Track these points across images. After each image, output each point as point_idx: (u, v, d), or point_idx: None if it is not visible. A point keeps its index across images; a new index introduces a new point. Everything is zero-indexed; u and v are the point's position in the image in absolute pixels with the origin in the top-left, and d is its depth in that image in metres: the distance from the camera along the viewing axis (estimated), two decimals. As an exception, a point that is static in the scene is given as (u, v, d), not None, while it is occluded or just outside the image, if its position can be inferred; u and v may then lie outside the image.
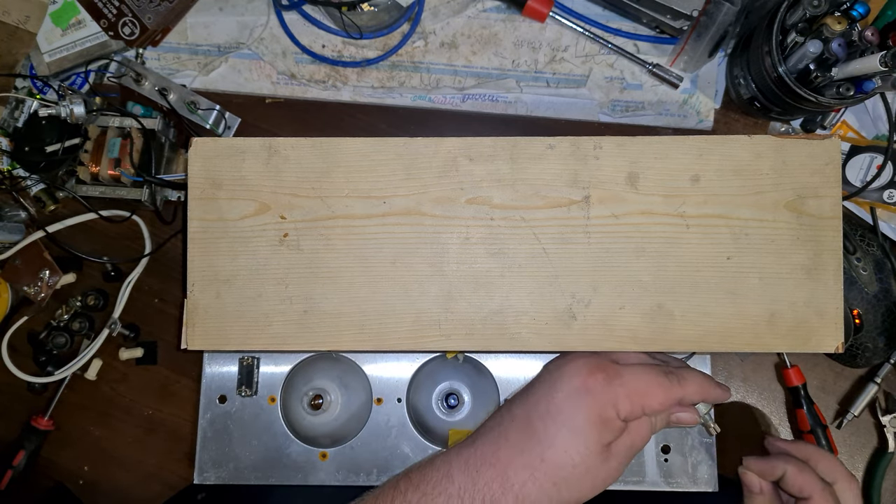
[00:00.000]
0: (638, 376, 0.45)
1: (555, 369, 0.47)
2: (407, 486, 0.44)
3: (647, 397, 0.44)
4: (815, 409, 0.57)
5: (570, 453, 0.43)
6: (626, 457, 0.45)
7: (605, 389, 0.44)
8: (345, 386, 0.58)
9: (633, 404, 0.44)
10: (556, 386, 0.45)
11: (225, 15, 0.62)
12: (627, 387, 0.44)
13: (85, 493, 0.61)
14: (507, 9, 0.61)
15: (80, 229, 0.62)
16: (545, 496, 0.43)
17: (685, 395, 0.45)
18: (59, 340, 0.60)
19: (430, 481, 0.44)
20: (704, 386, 0.47)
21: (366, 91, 0.62)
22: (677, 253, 0.48)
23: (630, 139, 0.48)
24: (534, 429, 0.44)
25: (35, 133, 0.57)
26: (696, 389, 0.46)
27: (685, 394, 0.45)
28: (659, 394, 0.45)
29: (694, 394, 0.46)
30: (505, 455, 0.44)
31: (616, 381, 0.44)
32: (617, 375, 0.45)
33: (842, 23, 0.49)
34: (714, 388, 0.47)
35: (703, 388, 0.46)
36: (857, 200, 0.59)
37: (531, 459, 0.43)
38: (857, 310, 0.55)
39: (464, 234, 0.48)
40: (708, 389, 0.47)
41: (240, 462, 0.57)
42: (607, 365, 0.46)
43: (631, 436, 0.45)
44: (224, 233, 0.49)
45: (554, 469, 0.43)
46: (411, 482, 0.44)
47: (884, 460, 0.58)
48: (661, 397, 0.45)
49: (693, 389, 0.46)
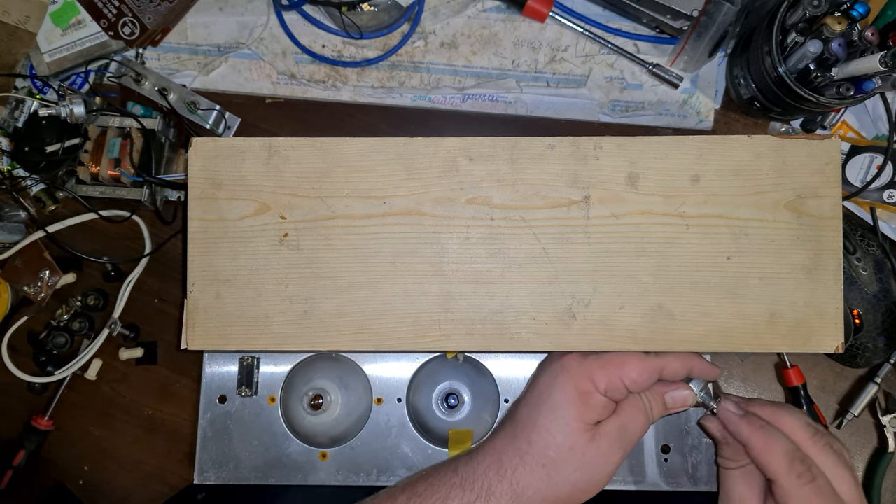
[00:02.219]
0: (613, 353, 0.46)
1: (540, 365, 0.50)
2: (418, 479, 0.47)
3: (624, 367, 0.45)
4: (815, 409, 0.57)
5: (551, 431, 0.44)
6: (618, 439, 0.45)
7: (579, 365, 0.46)
8: (345, 386, 0.58)
9: (609, 375, 0.44)
10: (536, 377, 0.48)
11: (225, 15, 0.62)
12: (603, 359, 0.45)
13: (85, 493, 0.61)
14: (507, 9, 0.61)
15: (80, 229, 0.62)
16: (536, 479, 0.44)
17: (665, 365, 0.46)
18: (59, 340, 0.60)
19: (438, 473, 0.47)
20: (686, 357, 0.47)
21: (366, 91, 0.62)
22: (677, 253, 0.48)
23: (630, 139, 0.48)
24: (521, 415, 0.47)
25: (35, 133, 0.57)
26: (676, 359, 0.46)
27: (665, 364, 0.46)
28: (636, 363, 0.45)
29: (676, 364, 0.46)
30: (500, 443, 0.46)
31: (591, 356, 0.46)
32: (592, 354, 0.46)
33: (842, 23, 0.49)
34: (698, 360, 0.47)
35: (685, 359, 0.46)
36: (857, 200, 0.59)
37: (520, 444, 0.45)
38: (857, 310, 0.55)
39: (464, 234, 0.48)
40: (691, 361, 0.47)
41: (240, 462, 0.57)
42: (583, 351, 0.47)
43: (621, 417, 0.45)
44: (224, 233, 0.49)
45: (540, 450, 0.44)
46: (422, 475, 0.47)
47: (884, 460, 0.58)
48: (639, 367, 0.45)
49: (672, 359, 0.46)
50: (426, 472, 0.48)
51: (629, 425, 0.46)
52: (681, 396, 0.48)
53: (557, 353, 0.48)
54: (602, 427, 0.45)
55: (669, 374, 0.46)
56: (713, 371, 0.48)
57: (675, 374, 0.47)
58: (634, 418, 0.46)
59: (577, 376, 0.45)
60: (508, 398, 0.57)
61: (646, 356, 0.46)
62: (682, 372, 0.47)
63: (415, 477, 0.48)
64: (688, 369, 0.47)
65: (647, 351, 0.48)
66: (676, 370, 0.47)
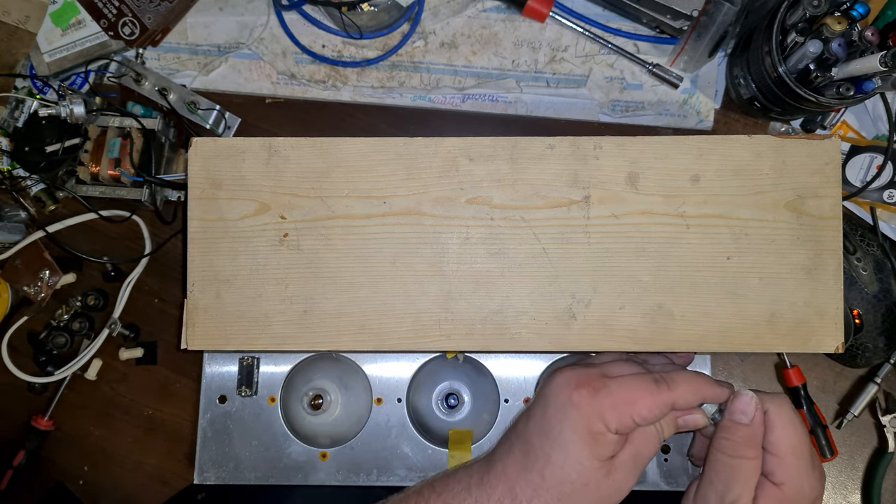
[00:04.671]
0: (623, 386, 0.44)
1: (546, 383, 0.47)
2: (430, 493, 0.46)
3: (635, 406, 0.43)
4: (815, 409, 0.57)
5: (566, 470, 0.43)
6: (633, 467, 0.44)
7: (590, 403, 0.44)
8: (345, 386, 0.58)
9: (621, 415, 0.43)
10: (546, 401, 0.46)
11: (225, 15, 0.62)
12: (613, 397, 0.44)
13: (85, 493, 0.61)
14: (507, 9, 0.61)
15: (80, 229, 0.62)
16: None
17: (676, 398, 0.44)
18: (59, 340, 0.60)
19: (451, 491, 0.45)
20: (697, 386, 0.45)
21: (366, 91, 0.62)
22: (677, 253, 0.48)
23: (630, 139, 0.48)
24: (532, 446, 0.45)
25: (35, 133, 0.57)
26: (688, 390, 0.45)
27: (676, 397, 0.44)
28: (647, 400, 0.44)
29: (687, 395, 0.45)
30: (513, 472, 0.45)
31: (601, 392, 0.44)
32: (603, 387, 0.44)
33: (842, 23, 0.49)
34: (710, 387, 0.46)
35: (695, 388, 0.45)
36: (857, 200, 0.59)
37: (533, 477, 0.44)
38: (857, 310, 0.55)
39: (464, 234, 0.48)
40: (702, 389, 0.46)
41: (240, 462, 0.57)
42: (593, 378, 0.45)
43: (634, 446, 0.45)
44: (224, 233, 0.49)
45: (555, 485, 0.43)
46: (434, 490, 0.46)
47: (884, 460, 0.58)
48: (650, 404, 0.44)
49: (684, 391, 0.45)
50: (438, 483, 0.47)
51: (643, 451, 0.45)
52: (692, 420, 0.46)
53: (567, 371, 0.46)
54: (617, 460, 0.44)
55: (682, 405, 0.45)
56: (725, 393, 0.46)
57: (688, 405, 0.46)
58: (647, 444, 0.45)
59: (587, 416, 0.44)
60: (508, 398, 0.57)
61: (657, 390, 0.44)
62: (694, 402, 0.46)
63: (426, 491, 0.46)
64: (699, 399, 0.46)
65: (647, 351, 0.48)
66: (689, 402, 0.45)
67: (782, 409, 0.45)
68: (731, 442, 0.44)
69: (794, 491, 0.44)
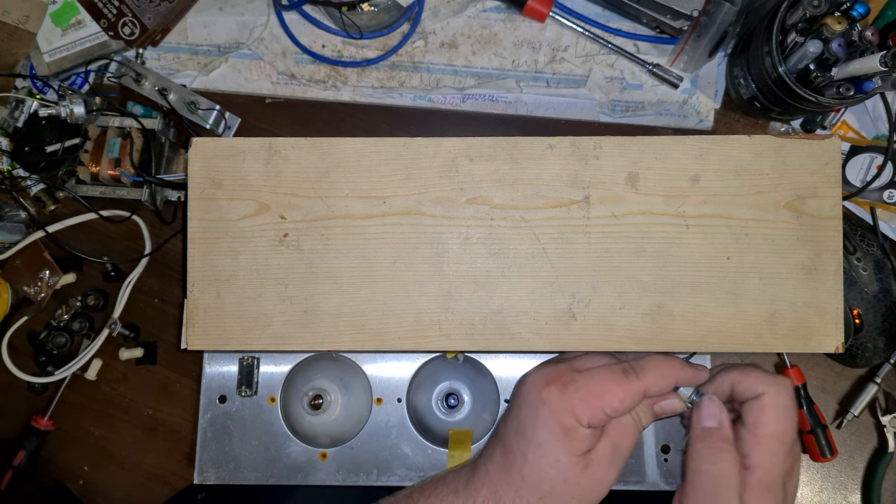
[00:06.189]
0: (592, 379, 0.44)
1: (519, 384, 0.48)
2: (419, 497, 0.46)
3: (604, 397, 0.43)
4: (815, 409, 0.57)
5: (543, 468, 0.43)
6: (612, 460, 0.44)
7: (560, 399, 0.44)
8: (345, 386, 0.58)
9: (591, 408, 0.43)
10: (520, 401, 0.46)
11: (225, 15, 0.62)
12: (582, 391, 0.44)
13: (85, 493, 0.61)
14: (507, 9, 0.61)
15: (80, 229, 0.62)
16: None
17: (647, 385, 0.44)
18: (59, 340, 0.60)
19: (440, 495, 0.46)
20: (667, 371, 0.45)
21: (366, 91, 0.62)
22: (677, 253, 0.48)
23: (630, 139, 0.48)
24: (510, 447, 0.45)
25: (35, 133, 0.57)
26: (659, 376, 0.45)
27: (646, 384, 0.44)
28: (616, 391, 0.44)
29: (658, 381, 0.45)
30: (495, 474, 0.45)
31: (570, 387, 0.44)
32: (571, 382, 0.44)
33: (842, 23, 0.49)
34: (680, 369, 0.46)
35: (666, 373, 0.45)
36: (857, 200, 0.59)
37: (514, 478, 0.44)
38: (857, 310, 0.55)
39: (464, 234, 0.48)
40: (672, 373, 0.45)
41: (240, 462, 0.57)
42: (562, 373, 0.45)
43: (611, 438, 0.45)
44: (224, 233, 0.49)
45: (535, 484, 0.44)
46: (423, 493, 0.47)
47: (884, 460, 0.58)
48: (620, 394, 0.44)
49: (654, 377, 0.44)
50: (427, 486, 0.47)
51: (621, 442, 0.45)
52: (669, 406, 0.46)
53: (538, 369, 0.47)
54: (594, 453, 0.44)
55: (654, 392, 0.45)
56: (699, 375, 0.46)
57: (661, 391, 0.45)
58: (625, 435, 0.45)
59: (558, 412, 0.44)
60: (508, 398, 0.57)
61: (626, 380, 0.44)
62: (666, 388, 0.45)
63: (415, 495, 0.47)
64: (671, 383, 0.45)
65: (647, 351, 0.48)
66: (661, 388, 0.45)
67: (779, 395, 0.44)
68: (711, 449, 0.44)
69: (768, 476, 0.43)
